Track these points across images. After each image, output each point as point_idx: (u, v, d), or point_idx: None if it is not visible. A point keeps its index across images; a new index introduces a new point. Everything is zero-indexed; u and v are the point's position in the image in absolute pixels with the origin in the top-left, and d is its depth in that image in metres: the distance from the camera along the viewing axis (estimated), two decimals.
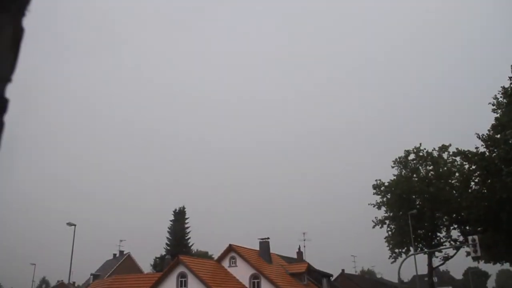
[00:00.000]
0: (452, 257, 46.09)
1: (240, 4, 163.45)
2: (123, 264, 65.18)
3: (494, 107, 38.53)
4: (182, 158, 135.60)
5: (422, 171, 46.76)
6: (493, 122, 38.07)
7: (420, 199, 45.35)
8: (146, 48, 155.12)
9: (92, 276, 61.75)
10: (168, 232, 64.04)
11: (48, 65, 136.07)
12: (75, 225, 40.23)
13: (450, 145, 45.42)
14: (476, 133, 38.46)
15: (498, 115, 37.96)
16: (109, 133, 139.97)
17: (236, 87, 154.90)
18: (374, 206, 46.58)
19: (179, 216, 64.87)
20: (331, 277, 56.61)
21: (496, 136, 37.87)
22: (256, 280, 39.35)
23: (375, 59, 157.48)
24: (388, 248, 46.03)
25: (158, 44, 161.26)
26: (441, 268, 60.70)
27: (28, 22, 1.08)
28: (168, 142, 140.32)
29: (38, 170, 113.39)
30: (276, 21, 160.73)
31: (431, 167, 46.21)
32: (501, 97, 38.16)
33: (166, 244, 63.48)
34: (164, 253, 60.57)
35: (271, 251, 46.60)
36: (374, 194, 46.72)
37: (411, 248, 42.78)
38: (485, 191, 39.18)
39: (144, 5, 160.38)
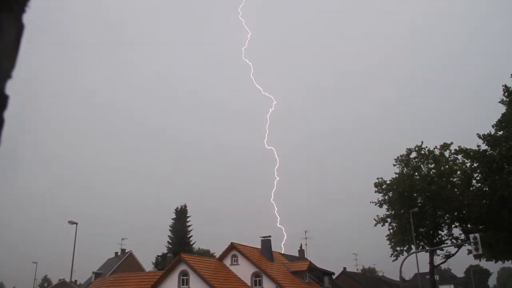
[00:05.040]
0: (453, 255, 46.02)
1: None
2: (125, 262, 65.35)
3: (501, 104, 38.47)
4: (184, 157, 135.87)
5: (423, 169, 46.68)
6: (497, 119, 38.11)
7: (421, 197, 45.31)
8: (156, 47, 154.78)
9: (94, 275, 61.90)
10: (170, 230, 64.17)
11: (49, 61, 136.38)
12: (76, 224, 40.31)
13: (451, 143, 45.45)
14: (477, 133, 38.44)
15: (504, 111, 38.04)
16: (112, 132, 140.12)
17: (240, 86, 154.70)
18: (375, 204, 46.59)
19: (181, 214, 64.95)
20: (332, 275, 56.65)
21: (498, 133, 37.84)
22: (258, 278, 39.39)
23: (378, 59, 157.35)
24: (389, 246, 46.03)
25: (171, 43, 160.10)
26: (443, 266, 60.58)
27: (29, 18, 1.08)
28: (170, 141, 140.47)
29: (39, 167, 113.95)
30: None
31: (432, 165, 46.11)
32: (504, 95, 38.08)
33: (168, 242, 63.60)
34: (166, 251, 60.69)
35: (273, 249, 46.68)
36: (375, 192, 46.71)
37: (413, 246, 42.79)
38: (487, 189, 39.16)
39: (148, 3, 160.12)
